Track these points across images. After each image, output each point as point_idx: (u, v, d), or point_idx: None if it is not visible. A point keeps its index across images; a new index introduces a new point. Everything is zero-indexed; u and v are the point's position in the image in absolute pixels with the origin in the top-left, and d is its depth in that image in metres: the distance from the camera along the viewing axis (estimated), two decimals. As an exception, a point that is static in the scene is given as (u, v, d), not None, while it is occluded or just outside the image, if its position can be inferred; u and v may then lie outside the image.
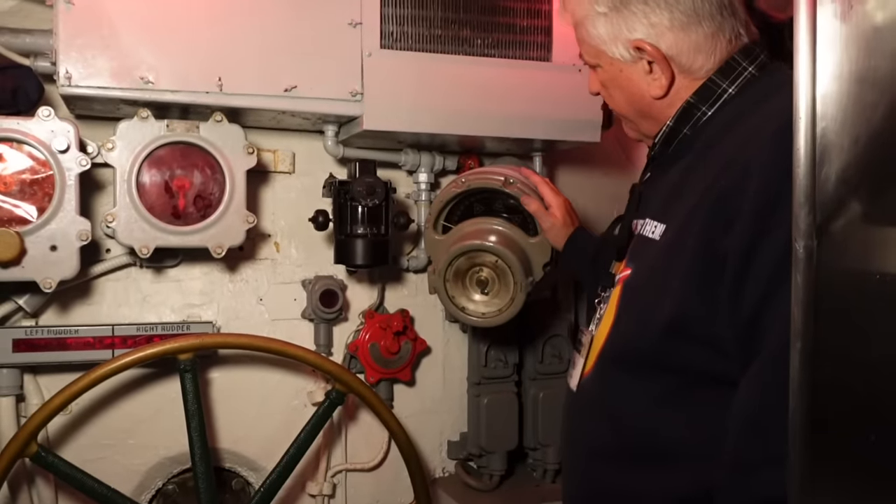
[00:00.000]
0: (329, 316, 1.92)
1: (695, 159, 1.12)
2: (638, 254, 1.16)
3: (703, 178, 1.06)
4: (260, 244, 1.95)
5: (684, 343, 1.03)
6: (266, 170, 1.92)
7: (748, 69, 1.12)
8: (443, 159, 1.99)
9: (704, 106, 1.13)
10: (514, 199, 1.67)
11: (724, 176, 1.00)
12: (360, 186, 1.72)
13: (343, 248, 1.77)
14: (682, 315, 1.02)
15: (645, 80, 1.15)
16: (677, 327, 1.03)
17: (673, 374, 1.06)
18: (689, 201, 1.06)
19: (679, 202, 1.09)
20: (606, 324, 1.17)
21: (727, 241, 0.97)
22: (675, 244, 1.06)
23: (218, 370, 1.92)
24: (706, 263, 1.00)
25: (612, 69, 1.18)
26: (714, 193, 1.00)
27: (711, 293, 0.99)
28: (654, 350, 1.06)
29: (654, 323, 1.05)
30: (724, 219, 0.98)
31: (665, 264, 1.06)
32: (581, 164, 2.24)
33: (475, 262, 1.62)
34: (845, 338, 0.77)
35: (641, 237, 1.17)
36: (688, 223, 1.04)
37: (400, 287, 2.09)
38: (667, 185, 1.16)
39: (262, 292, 1.95)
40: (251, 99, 1.63)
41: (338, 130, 1.84)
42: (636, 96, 1.18)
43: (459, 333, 2.15)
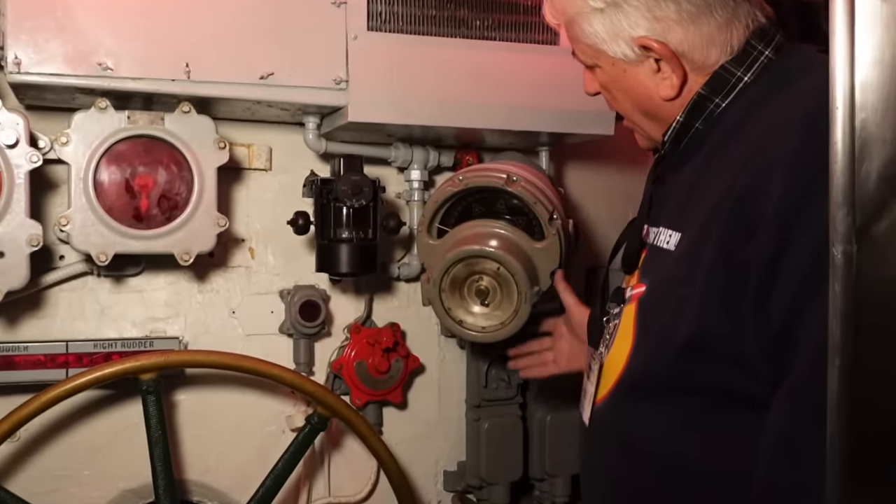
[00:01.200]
0: (310, 330, 1.92)
1: (710, 157, 1.12)
2: (652, 267, 1.16)
3: (720, 177, 1.05)
4: (232, 250, 1.95)
5: (707, 362, 1.03)
6: (239, 166, 1.92)
7: (765, 53, 1.12)
8: (437, 155, 1.99)
9: (717, 97, 1.13)
10: (517, 199, 1.68)
11: (744, 174, 1.00)
12: (345, 185, 1.72)
13: (326, 254, 1.77)
14: (703, 333, 1.02)
15: (653, 80, 1.14)
16: (697, 346, 1.03)
17: (696, 396, 1.06)
18: (705, 205, 1.06)
19: (694, 206, 1.09)
20: (622, 349, 1.17)
21: (750, 248, 0.97)
22: (691, 254, 1.06)
23: (185, 392, 1.92)
24: (727, 275, 1.00)
25: (615, 70, 1.17)
26: (733, 195, 1.00)
27: (735, 307, 0.99)
28: (673, 372, 1.06)
29: (673, 342, 1.05)
30: (746, 223, 0.98)
31: (682, 277, 1.06)
32: (592, 160, 2.25)
33: (474, 269, 1.63)
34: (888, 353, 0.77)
35: (655, 248, 1.17)
36: (705, 230, 1.04)
37: (390, 298, 2.09)
38: (680, 188, 1.16)
39: (234, 304, 1.95)
40: (222, 87, 1.63)
41: (320, 122, 1.84)
42: (643, 98, 1.17)
43: (457, 350, 2.15)
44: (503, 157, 1.99)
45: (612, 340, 1.22)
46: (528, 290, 1.59)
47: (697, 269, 1.03)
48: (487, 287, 1.64)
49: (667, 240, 1.13)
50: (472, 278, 1.64)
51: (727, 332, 1.01)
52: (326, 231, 1.76)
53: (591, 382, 1.24)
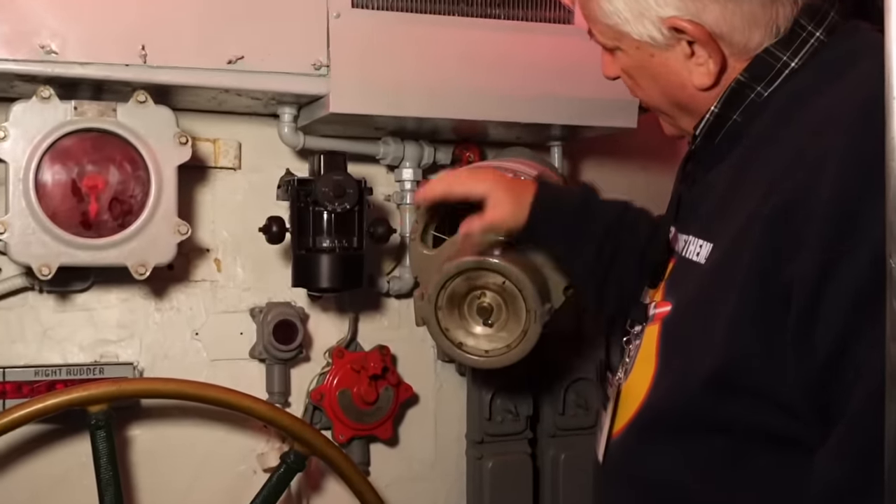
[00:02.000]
0: (285, 355, 1.92)
1: (749, 154, 1.11)
2: (679, 282, 1.16)
3: (759, 180, 1.05)
4: (196, 262, 1.95)
5: (736, 398, 1.03)
6: (204, 165, 1.92)
7: (815, 34, 1.10)
8: (433, 151, 1.99)
9: (759, 85, 1.12)
10: None
11: (787, 177, 0.99)
12: (326, 186, 1.72)
13: (304, 266, 1.77)
14: (733, 364, 1.02)
15: (685, 66, 1.14)
16: (725, 379, 1.03)
17: (723, 436, 1.06)
18: (741, 212, 1.05)
19: (729, 213, 1.08)
20: (642, 376, 1.16)
21: (793, 265, 0.96)
22: (723, 271, 1.05)
23: (140, 426, 1.91)
24: (764, 296, 0.99)
25: (640, 55, 1.16)
26: (774, 201, 0.99)
27: (771, 336, 0.99)
28: (698, 406, 1.06)
29: (698, 373, 1.05)
30: (787, 236, 0.97)
31: (711, 297, 1.06)
32: (613, 157, 2.24)
33: (476, 284, 1.62)
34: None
35: (683, 260, 1.16)
36: (740, 242, 1.03)
37: (378, 317, 2.08)
38: (713, 190, 1.15)
39: (198, 324, 1.95)
40: (184, 73, 1.63)
41: (296, 114, 1.84)
42: (674, 87, 1.17)
43: (456, 377, 2.14)
44: (509, 154, 1.98)
45: (632, 365, 1.21)
46: (539, 307, 1.59)
47: (729, 290, 1.02)
48: (491, 304, 1.63)
49: (696, 251, 1.13)
50: (474, 294, 1.64)
51: (761, 364, 1.00)
52: (304, 240, 1.76)
53: (608, 413, 1.24)
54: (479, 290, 1.63)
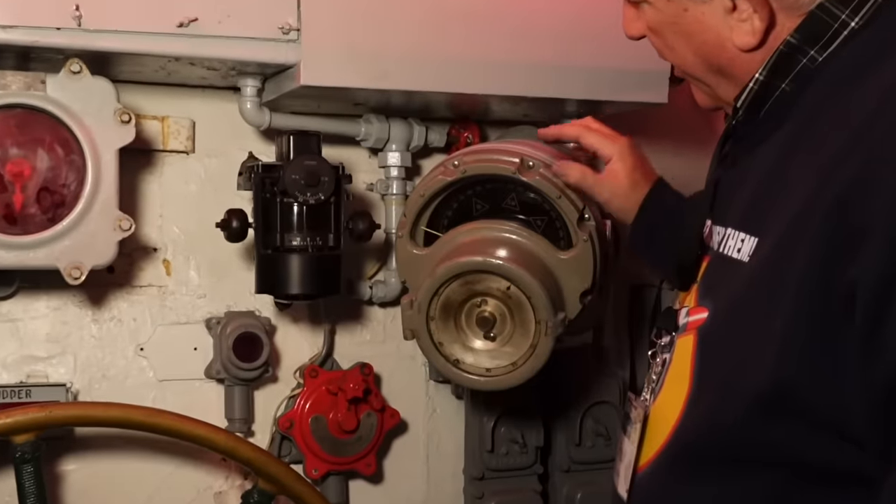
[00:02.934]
0: (248, 374, 1.92)
1: (799, 132, 1.12)
2: (717, 284, 1.16)
3: (813, 162, 1.05)
4: (141, 263, 1.95)
5: (790, 422, 1.03)
6: (150, 147, 1.92)
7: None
8: (424, 131, 1.99)
9: (814, 49, 1.12)
10: (534, 193, 1.68)
11: (848, 161, 0.99)
12: (297, 173, 1.73)
13: (270, 268, 1.77)
14: (787, 381, 1.02)
15: (726, 22, 1.15)
16: (778, 398, 1.03)
17: (773, 469, 1.06)
18: (793, 200, 1.05)
19: (777, 201, 1.09)
20: (674, 396, 1.17)
21: (856, 266, 0.96)
22: (774, 270, 1.05)
23: (75, 460, 1.91)
24: (824, 300, 0.99)
25: (671, 8, 1.18)
26: (833, 190, 0.99)
27: (834, 347, 0.99)
28: (745, 434, 1.06)
29: (745, 392, 1.05)
30: (850, 229, 0.97)
31: (759, 301, 1.06)
32: (639, 138, 2.22)
33: (475, 290, 1.62)
34: None
35: (721, 257, 1.17)
36: (793, 237, 1.03)
37: (359, 329, 2.09)
38: (757, 173, 1.15)
39: (143, 338, 1.95)
40: (126, 38, 1.63)
41: (261, 87, 1.85)
42: (712, 47, 1.18)
43: (452, 401, 2.14)
44: (515, 135, 1.98)
45: (660, 383, 1.22)
46: (550, 317, 1.59)
47: (781, 294, 1.02)
48: (493, 314, 1.63)
49: (737, 245, 1.13)
50: (473, 302, 1.64)
51: (820, 381, 1.00)
52: (271, 237, 1.76)
53: (632, 440, 1.24)
54: (480, 297, 1.63)
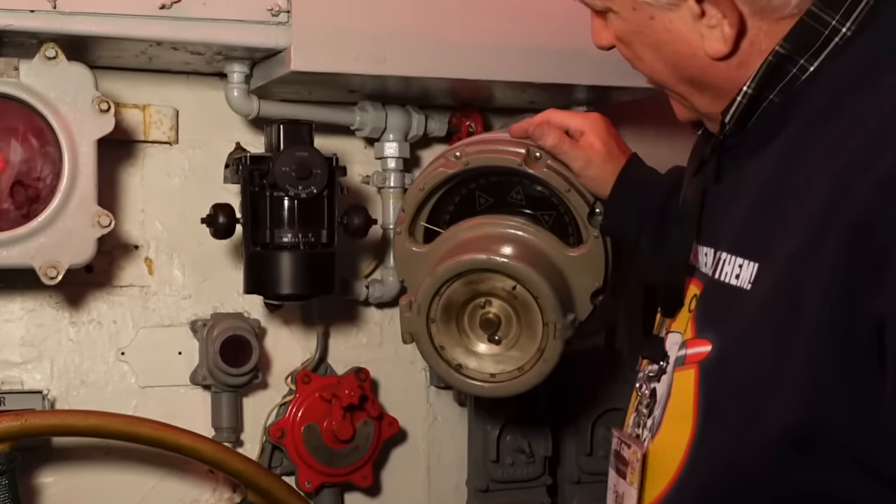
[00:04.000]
0: (236, 380, 1.94)
1: (795, 145, 1.12)
2: (718, 315, 1.16)
3: (820, 177, 1.04)
4: (121, 262, 1.97)
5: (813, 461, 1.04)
6: (131, 138, 1.94)
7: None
8: (423, 119, 2.01)
9: (803, 57, 1.12)
10: (542, 186, 1.70)
11: (858, 180, 0.99)
12: (287, 165, 1.73)
13: (259, 267, 1.78)
14: (811, 416, 1.02)
15: (695, 29, 1.15)
16: (800, 436, 1.03)
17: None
18: (797, 220, 1.06)
19: (777, 220, 1.09)
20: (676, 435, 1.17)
21: (880, 298, 0.96)
22: (786, 299, 1.05)
23: (52, 471, 1.92)
24: (847, 332, 0.99)
25: (637, 17, 1.18)
26: (844, 215, 0.99)
27: (861, 380, 0.99)
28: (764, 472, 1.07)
29: (764, 429, 1.06)
30: (870, 255, 0.96)
31: (773, 332, 1.06)
32: (652, 127, 2.26)
33: (479, 290, 1.64)
34: None
35: (717, 285, 1.17)
36: (804, 262, 1.03)
37: (354, 332, 2.11)
38: (750, 191, 1.16)
39: (124, 342, 1.97)
40: (105, 21, 1.64)
41: (249, 73, 1.86)
42: (683, 57, 1.17)
43: (454, 408, 2.17)
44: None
45: (658, 420, 1.22)
46: (559, 318, 1.60)
47: (798, 325, 1.02)
48: (498, 315, 1.65)
49: (734, 272, 1.13)
50: (476, 303, 1.66)
51: (848, 415, 1.00)
52: (260, 233, 1.77)
53: (631, 483, 1.24)
54: (484, 298, 1.65)
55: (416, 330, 1.65)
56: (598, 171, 1.60)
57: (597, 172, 1.60)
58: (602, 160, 1.60)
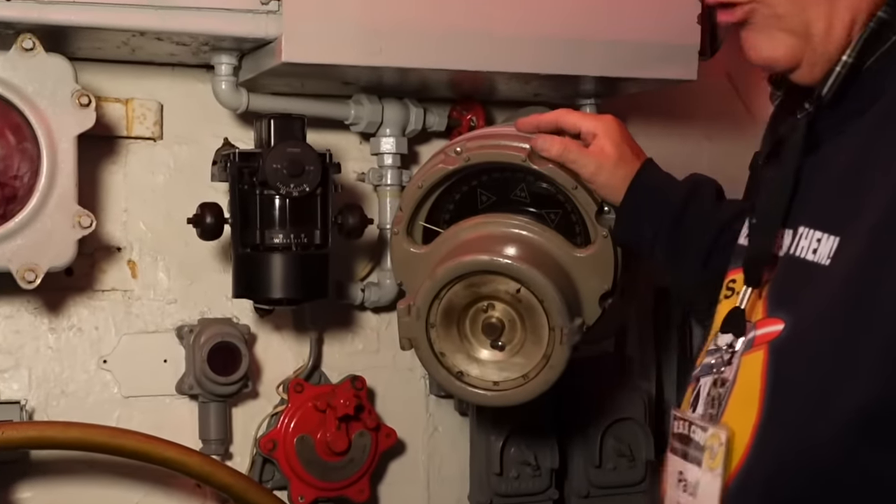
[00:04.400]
0: (225, 389, 1.94)
1: (882, 117, 1.13)
2: (793, 292, 1.17)
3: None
4: (103, 265, 1.96)
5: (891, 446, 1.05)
6: (113, 134, 1.93)
7: None
8: (422, 113, 2.01)
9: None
10: (547, 183, 1.70)
11: None
12: (278, 162, 1.73)
13: (248, 269, 1.78)
14: (890, 396, 1.04)
15: None
16: (880, 418, 1.04)
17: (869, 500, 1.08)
18: (882, 193, 1.07)
19: (862, 194, 1.10)
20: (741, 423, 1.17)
21: None
22: (866, 274, 1.07)
23: (32, 486, 1.92)
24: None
25: None
26: None
27: None
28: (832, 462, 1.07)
29: (836, 414, 1.06)
30: None
31: (853, 309, 1.07)
32: (665, 121, 2.26)
33: (481, 293, 1.64)
34: None
35: (793, 261, 1.17)
36: (885, 237, 1.05)
37: (349, 338, 2.11)
38: (832, 165, 1.16)
39: (106, 349, 1.96)
40: (85, 10, 1.63)
41: (237, 64, 1.86)
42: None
43: (455, 418, 2.16)
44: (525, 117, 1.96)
45: (722, 404, 1.22)
46: (566, 323, 1.60)
47: (879, 300, 1.04)
48: (502, 320, 1.65)
49: (812, 247, 1.14)
50: (479, 307, 1.66)
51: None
52: (249, 234, 1.78)
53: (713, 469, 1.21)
54: (486, 301, 1.65)
55: (415, 335, 1.66)
56: (609, 176, 1.60)
57: (608, 178, 1.60)
58: (613, 165, 1.60)
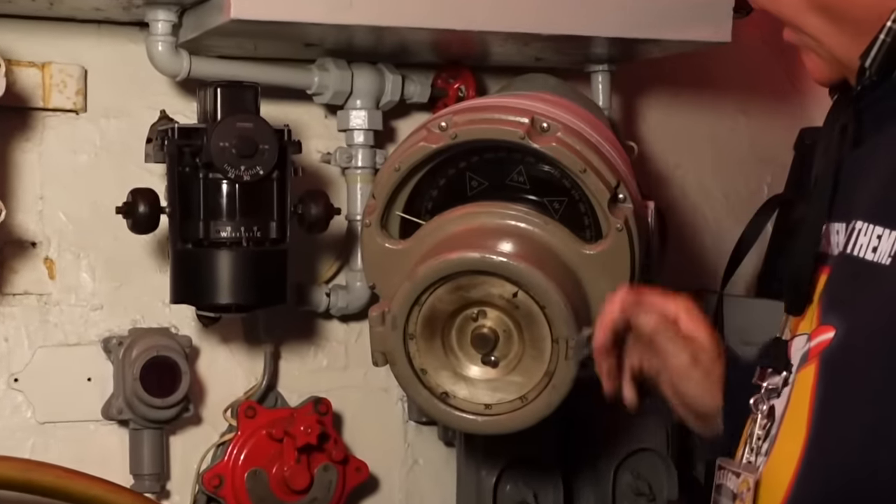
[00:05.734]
0: (162, 414, 1.93)
1: None
2: (847, 295, 1.18)
3: None
4: (14, 264, 1.96)
5: None
6: (26, 105, 1.94)
7: None
8: (400, 81, 2.01)
9: None
10: (550, 166, 1.70)
11: None
12: (226, 139, 1.73)
13: (190, 270, 1.79)
14: None
15: None
16: None
17: None
18: None
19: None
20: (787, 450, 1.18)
21: None
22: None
23: None
24: None
25: None
26: None
27: None
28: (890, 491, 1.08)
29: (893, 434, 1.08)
30: None
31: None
32: (691, 92, 2.27)
33: (470, 298, 1.64)
34: None
35: (848, 260, 1.19)
36: None
37: (312, 352, 2.11)
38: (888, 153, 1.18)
39: (17, 365, 1.96)
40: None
41: (177, 22, 1.87)
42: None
43: (439, 448, 2.17)
44: (522, 86, 1.99)
45: (772, 438, 1.23)
46: (572, 334, 1.60)
47: None
48: (495, 330, 1.65)
49: (871, 243, 1.15)
50: (467, 314, 1.65)
51: None
52: (192, 226, 1.78)
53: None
54: (477, 308, 1.64)
55: (391, 349, 1.65)
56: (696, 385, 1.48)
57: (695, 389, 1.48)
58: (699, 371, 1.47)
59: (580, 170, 1.65)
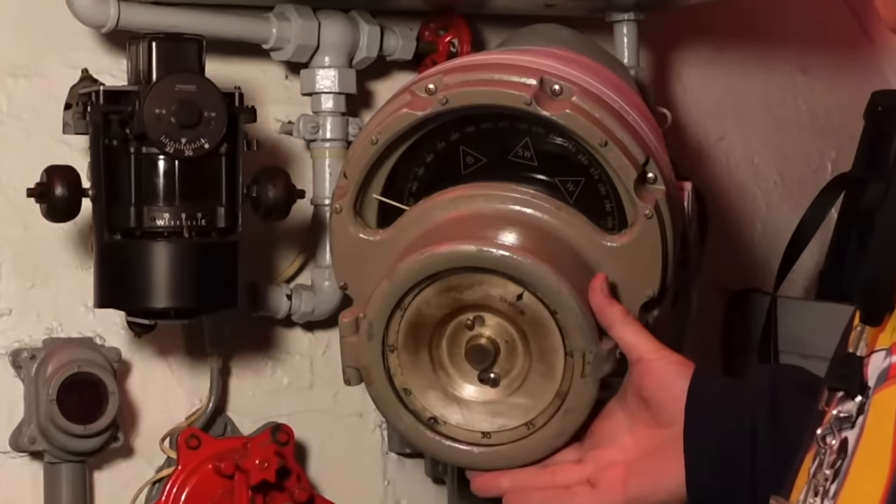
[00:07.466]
0: (83, 444, 1.94)
1: None
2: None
3: None
4: None
5: None
6: None
7: None
8: (378, 32, 2.03)
9: None
10: (563, 138, 1.70)
11: None
12: (163, 105, 1.74)
13: (119, 266, 1.80)
14: None
15: None
16: None
17: None
18: None
19: None
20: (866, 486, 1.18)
21: None
22: None
23: None
24: None
25: None
26: None
27: None
28: None
29: None
30: None
31: None
32: (738, 48, 2.30)
33: (465, 300, 1.65)
34: None
35: None
36: None
37: (269, 367, 2.14)
38: None
39: None
40: None
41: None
42: None
43: (426, 486, 2.20)
44: (530, 38, 1.99)
45: (843, 472, 1.23)
46: (590, 345, 1.61)
47: None
48: (495, 341, 1.65)
49: None
50: (461, 321, 1.66)
51: None
52: (121, 213, 1.80)
53: None
54: (473, 314, 1.65)
55: (367, 364, 1.66)
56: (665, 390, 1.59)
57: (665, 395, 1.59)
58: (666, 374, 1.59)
59: (600, 143, 1.64)
